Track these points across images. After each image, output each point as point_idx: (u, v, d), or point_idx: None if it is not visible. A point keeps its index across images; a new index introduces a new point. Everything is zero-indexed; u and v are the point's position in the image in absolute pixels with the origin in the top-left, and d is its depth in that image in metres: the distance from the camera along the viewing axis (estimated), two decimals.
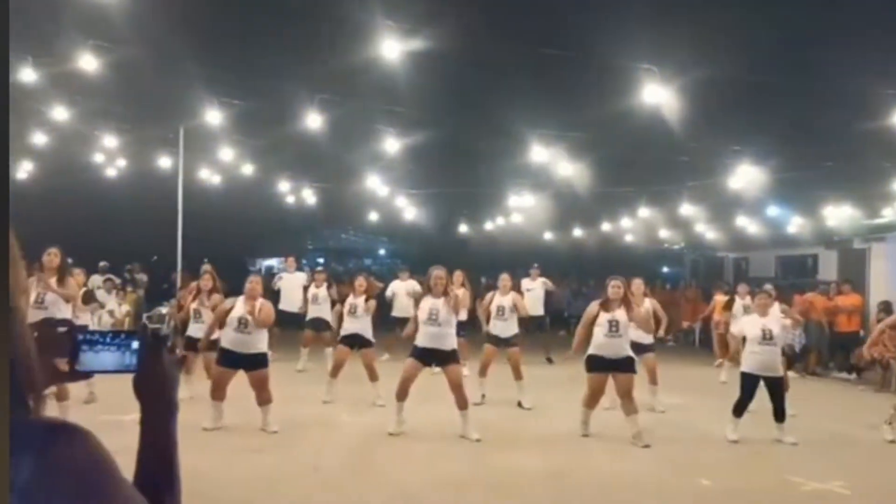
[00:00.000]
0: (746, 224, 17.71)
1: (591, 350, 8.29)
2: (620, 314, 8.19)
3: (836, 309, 14.60)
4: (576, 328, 22.98)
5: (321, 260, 40.75)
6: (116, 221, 19.16)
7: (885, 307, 13.83)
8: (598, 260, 22.10)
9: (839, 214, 14.89)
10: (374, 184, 13.74)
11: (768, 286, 12.71)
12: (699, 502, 6.34)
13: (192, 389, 9.76)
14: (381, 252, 41.36)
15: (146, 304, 16.90)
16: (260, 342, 8.18)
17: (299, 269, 14.94)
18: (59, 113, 10.25)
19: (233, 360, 8.12)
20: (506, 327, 10.34)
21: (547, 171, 10.93)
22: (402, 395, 8.22)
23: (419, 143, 9.73)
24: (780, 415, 8.45)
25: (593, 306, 8.44)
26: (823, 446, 8.36)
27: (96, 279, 15.02)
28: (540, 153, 9.60)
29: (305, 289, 13.37)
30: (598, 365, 8.22)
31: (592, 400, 8.33)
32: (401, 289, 14.24)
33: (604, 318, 8.18)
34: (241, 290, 8.44)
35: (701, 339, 19.11)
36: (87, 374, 1.35)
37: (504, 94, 7.83)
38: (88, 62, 7.35)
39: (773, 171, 9.39)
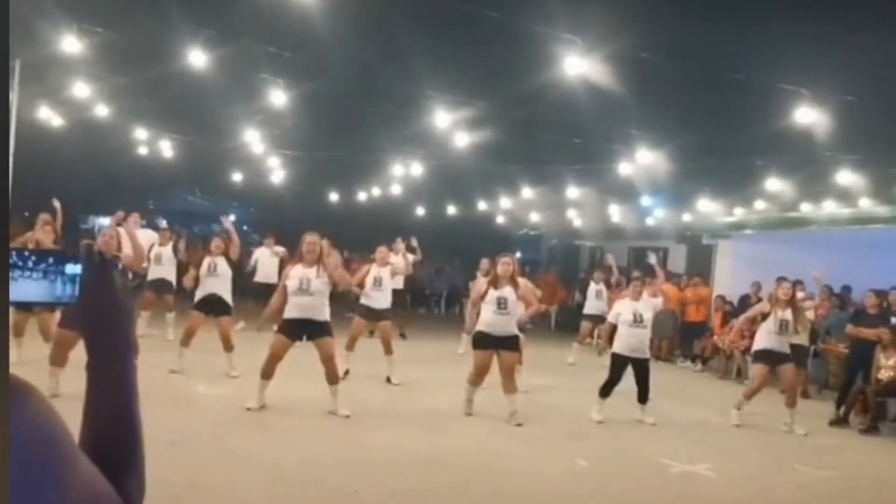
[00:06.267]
0: (613, 213, 18.31)
1: (478, 326, 8.18)
2: (509, 291, 8.09)
3: (685, 300, 15.42)
4: (435, 307, 23.05)
5: (164, 222, 38.31)
6: None
7: (723, 301, 14.85)
8: (466, 240, 22.17)
9: (701, 210, 15.64)
10: (244, 137, 12.71)
11: (637, 273, 13.22)
12: (578, 482, 6.32)
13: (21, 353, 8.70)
14: (231, 217, 39.48)
15: None
16: None
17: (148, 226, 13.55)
18: None
19: (74, 323, 7.21)
20: (380, 298, 10.04)
21: (429, 141, 10.57)
22: (268, 373, 7.64)
23: (303, 96, 9.02)
24: (643, 396, 8.73)
25: (482, 283, 8.36)
26: (685, 430, 8.65)
27: None
28: (427, 121, 9.22)
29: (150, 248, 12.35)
30: (484, 342, 8.08)
31: (478, 377, 8.14)
32: (265, 255, 13.64)
33: (493, 294, 8.05)
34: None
35: (557, 321, 19.69)
36: None
37: (396, 50, 7.33)
38: None
39: (661, 160, 9.56)
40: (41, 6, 7.64)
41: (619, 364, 8.68)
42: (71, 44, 8.46)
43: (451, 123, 9.38)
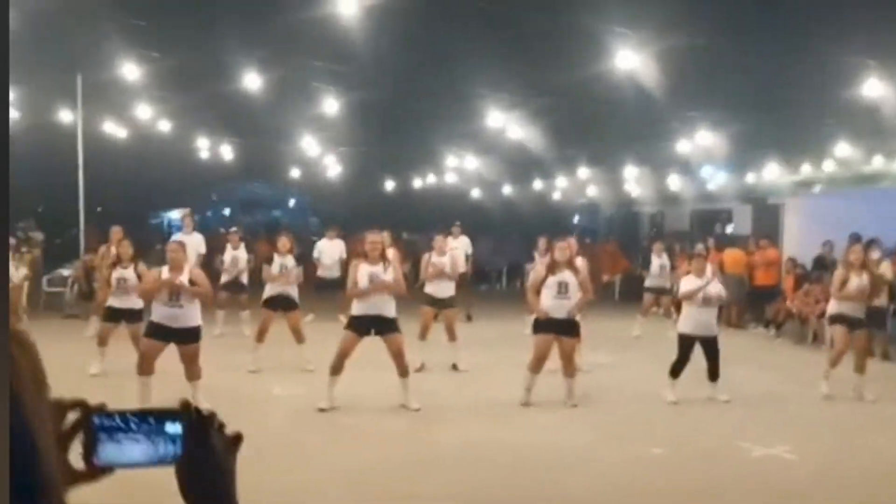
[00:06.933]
0: (673, 179, 17.90)
1: (539, 312, 8.12)
2: (569, 276, 8.05)
3: (754, 263, 15.00)
4: (497, 283, 23.04)
5: (227, 212, 39.22)
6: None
7: (794, 264, 14.38)
8: (524, 214, 22.03)
9: (766, 169, 15.16)
10: (301, 141, 12.96)
11: (700, 247, 12.96)
12: (652, 473, 6.19)
13: (105, 363, 9.15)
14: (291, 203, 39.97)
15: (44, 265, 15.70)
16: (193, 317, 7.52)
17: (195, 229, 13.73)
18: None
19: (163, 334, 7.44)
20: (443, 288, 10.13)
21: (486, 132, 10.51)
22: (337, 369, 7.78)
23: (357, 101, 9.11)
24: (714, 374, 8.56)
25: (540, 269, 8.31)
26: (762, 407, 8.43)
27: None
28: (482, 114, 9.17)
29: (219, 251, 12.74)
30: (544, 326, 8.06)
31: (538, 363, 8.09)
32: (327, 248, 13.81)
33: (552, 280, 8.03)
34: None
35: (621, 291, 19.38)
36: (107, 471, 1.08)
37: (456, 49, 7.29)
38: None
39: (720, 133, 9.28)
40: (111, 32, 7.88)
41: (686, 344, 8.53)
42: (135, 68, 8.76)
43: (510, 109, 9.32)
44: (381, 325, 7.78)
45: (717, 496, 5.71)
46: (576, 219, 29.90)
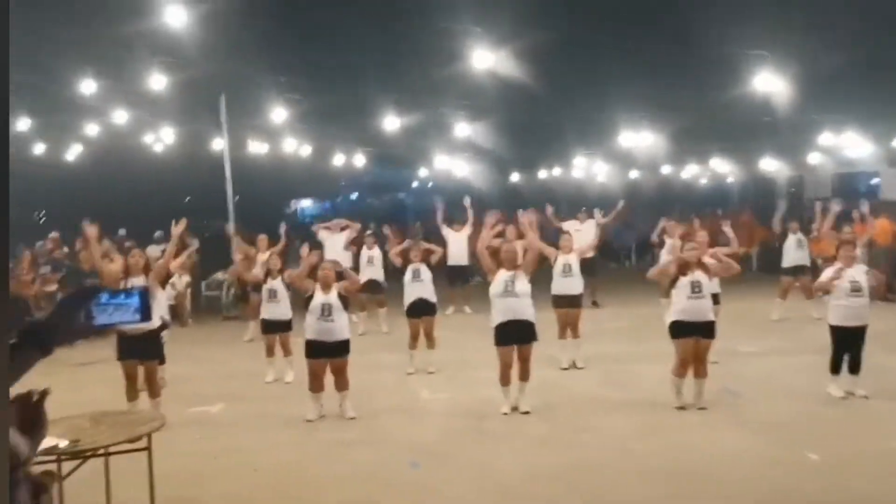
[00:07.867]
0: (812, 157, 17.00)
1: (674, 316, 8.07)
2: (700, 275, 7.99)
3: None
4: (626, 260, 22.65)
5: (354, 196, 40.53)
6: (165, 192, 19.18)
7: None
8: (650, 194, 21.59)
9: None
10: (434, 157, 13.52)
11: (847, 230, 12.29)
12: (813, 482, 6.00)
13: (276, 373, 9.90)
14: (415, 184, 40.69)
15: (200, 269, 16.94)
16: (344, 329, 8.09)
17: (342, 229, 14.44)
18: (108, 96, 10.13)
19: (319, 351, 8.03)
20: (572, 285, 10.13)
21: (617, 147, 10.51)
22: (505, 380, 8.13)
23: (488, 127, 9.44)
24: (856, 366, 8.27)
25: (672, 267, 8.23)
26: None
27: (153, 250, 14.99)
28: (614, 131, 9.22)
29: (357, 251, 13.38)
30: (683, 330, 8.00)
31: (683, 368, 8.04)
32: (453, 238, 14.20)
33: (685, 280, 7.94)
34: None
35: (759, 264, 18.70)
36: None
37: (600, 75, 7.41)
38: (157, 81, 7.24)
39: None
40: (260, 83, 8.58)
41: (840, 337, 8.25)
42: (278, 97, 9.52)
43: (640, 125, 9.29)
44: (523, 333, 8.01)
45: None
46: (702, 181, 28.85)
